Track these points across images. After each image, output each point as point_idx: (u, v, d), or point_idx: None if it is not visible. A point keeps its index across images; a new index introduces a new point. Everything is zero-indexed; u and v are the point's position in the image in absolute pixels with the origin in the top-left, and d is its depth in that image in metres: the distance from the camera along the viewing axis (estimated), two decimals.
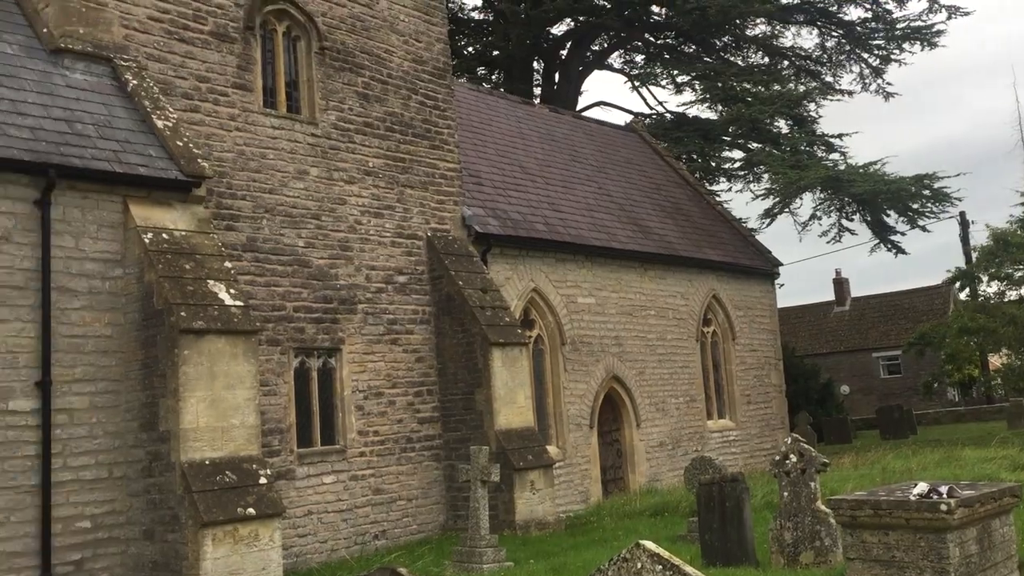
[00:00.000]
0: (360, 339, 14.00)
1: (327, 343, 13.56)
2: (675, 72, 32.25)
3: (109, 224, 10.37)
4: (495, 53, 33.44)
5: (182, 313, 10.01)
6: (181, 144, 11.30)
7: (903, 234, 29.37)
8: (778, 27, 32.60)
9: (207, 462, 9.88)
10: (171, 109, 11.87)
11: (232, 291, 10.68)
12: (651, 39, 32.80)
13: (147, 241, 10.38)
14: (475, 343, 14.61)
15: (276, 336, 12.86)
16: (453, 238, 15.67)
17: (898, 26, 30.80)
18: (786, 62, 32.97)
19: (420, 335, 14.93)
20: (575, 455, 17.45)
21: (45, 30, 11.52)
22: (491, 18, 34.22)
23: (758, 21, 31.89)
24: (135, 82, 11.67)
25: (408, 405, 14.54)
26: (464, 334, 14.75)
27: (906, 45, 30.81)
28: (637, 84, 33.61)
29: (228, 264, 11.06)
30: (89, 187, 10.23)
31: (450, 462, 14.65)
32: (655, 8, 30.76)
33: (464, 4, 34.79)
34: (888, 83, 34.17)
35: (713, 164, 31.65)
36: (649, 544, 4.46)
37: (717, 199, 26.77)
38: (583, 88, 33.90)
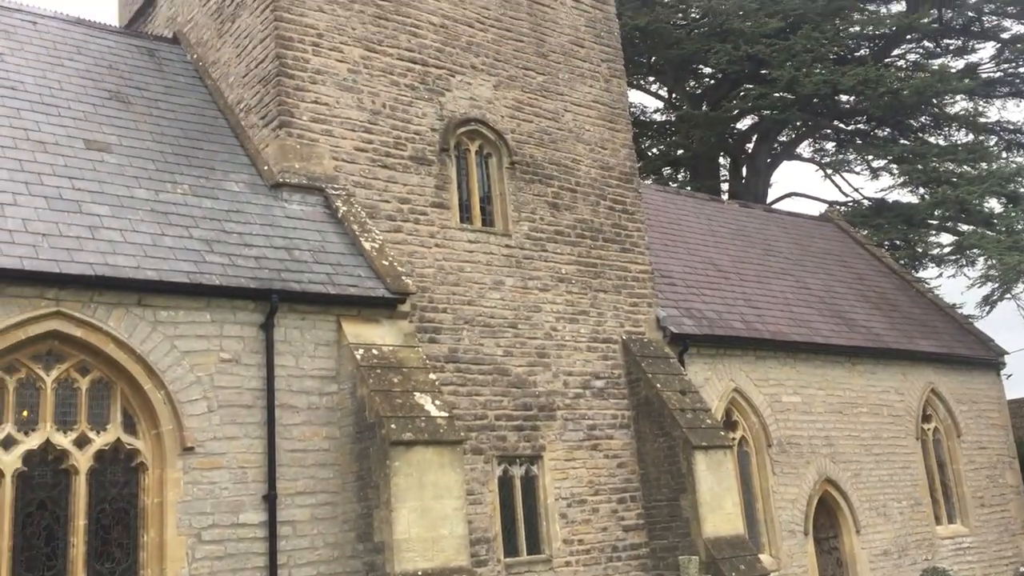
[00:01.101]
0: (561, 445, 13.98)
1: (528, 451, 13.61)
2: (870, 157, 31.13)
3: (324, 342, 11.01)
4: (679, 152, 33.56)
5: (392, 426, 10.38)
6: (386, 263, 11.94)
7: None
8: (981, 103, 30.98)
9: (419, 573, 10.02)
10: (377, 231, 12.60)
11: (437, 402, 11.00)
12: (841, 126, 31.95)
13: (358, 357, 10.92)
14: (677, 447, 14.24)
15: (479, 445, 13.06)
16: (648, 340, 15.52)
17: None
18: (994, 137, 31.12)
19: (620, 440, 14.73)
20: (790, 564, 16.44)
21: (266, 167, 12.63)
22: (673, 118, 34.52)
23: (957, 98, 30.45)
24: (344, 208, 12.52)
25: (612, 512, 14.27)
26: (665, 438, 14.43)
27: None
28: (829, 172, 32.67)
29: (433, 376, 11.43)
30: (307, 309, 10.95)
31: (658, 572, 14.15)
32: (843, 97, 30.01)
33: (645, 107, 35.34)
34: None
35: (919, 250, 29.95)
36: None
37: (927, 286, 25.22)
38: (772, 180, 33.28)
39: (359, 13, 13.79)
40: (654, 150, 34.64)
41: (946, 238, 30.37)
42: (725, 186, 33.30)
